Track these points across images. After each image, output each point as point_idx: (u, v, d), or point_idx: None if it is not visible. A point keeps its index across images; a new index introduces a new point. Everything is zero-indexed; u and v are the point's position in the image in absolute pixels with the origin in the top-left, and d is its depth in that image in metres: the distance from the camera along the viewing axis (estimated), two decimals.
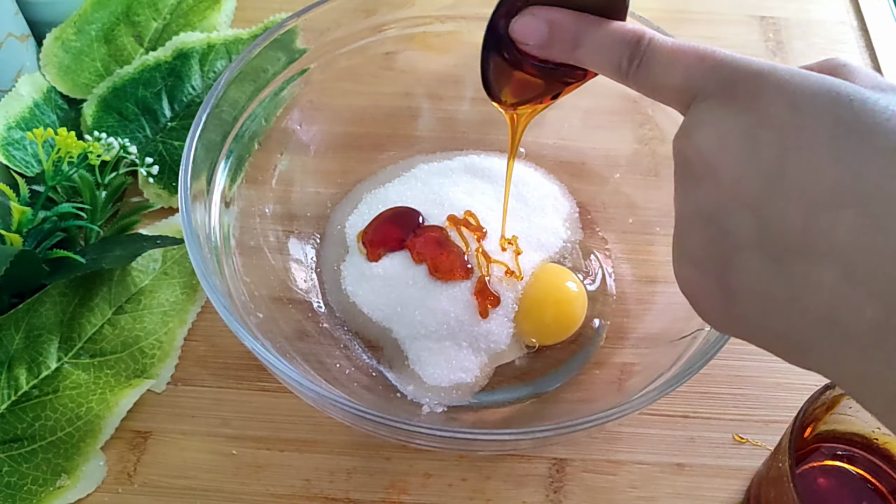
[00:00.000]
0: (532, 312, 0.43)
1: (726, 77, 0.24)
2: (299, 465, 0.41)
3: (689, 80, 0.25)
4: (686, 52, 0.26)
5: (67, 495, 0.39)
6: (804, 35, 0.63)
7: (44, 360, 0.43)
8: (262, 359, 0.33)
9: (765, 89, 0.23)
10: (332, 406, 0.33)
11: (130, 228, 0.49)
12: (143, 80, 0.55)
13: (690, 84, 0.25)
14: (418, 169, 0.49)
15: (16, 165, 0.49)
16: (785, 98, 0.23)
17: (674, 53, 0.26)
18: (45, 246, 0.45)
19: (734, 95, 0.24)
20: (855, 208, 0.21)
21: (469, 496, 0.40)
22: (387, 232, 0.45)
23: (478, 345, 0.42)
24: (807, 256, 0.22)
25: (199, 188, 0.39)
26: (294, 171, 0.48)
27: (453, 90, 0.52)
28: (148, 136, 0.53)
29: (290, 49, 0.45)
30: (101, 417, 0.41)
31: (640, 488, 0.41)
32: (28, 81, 0.54)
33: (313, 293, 0.45)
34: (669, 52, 0.26)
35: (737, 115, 0.24)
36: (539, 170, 0.50)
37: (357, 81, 0.50)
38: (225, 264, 0.40)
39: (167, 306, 0.46)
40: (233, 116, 0.43)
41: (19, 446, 0.40)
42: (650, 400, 0.33)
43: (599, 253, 0.47)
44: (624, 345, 0.43)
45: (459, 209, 0.46)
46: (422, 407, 0.41)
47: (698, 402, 0.43)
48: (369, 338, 0.44)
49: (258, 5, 0.62)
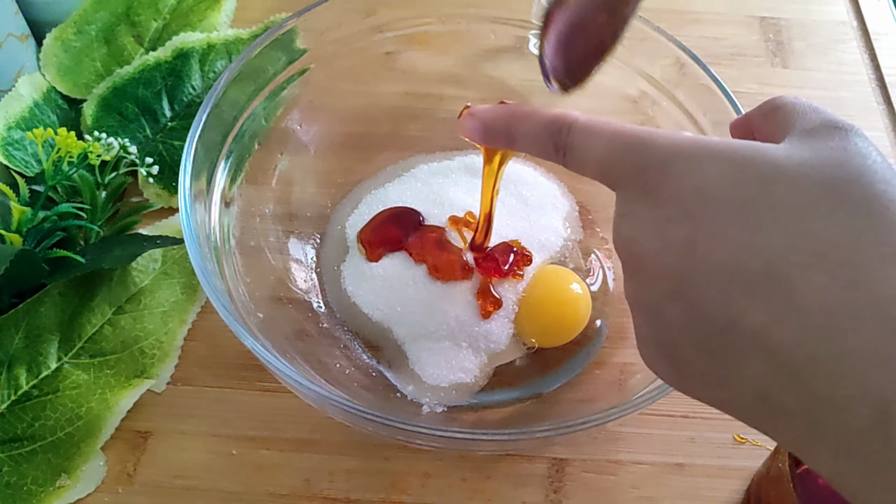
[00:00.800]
0: (536, 315, 0.43)
1: (637, 163, 0.25)
2: (299, 465, 0.41)
3: (606, 165, 0.26)
4: (602, 133, 0.26)
5: (67, 495, 0.39)
6: (804, 35, 0.63)
7: (44, 360, 0.43)
8: (262, 359, 0.33)
9: (670, 178, 0.24)
10: (332, 406, 0.33)
11: (130, 228, 0.49)
12: (143, 80, 0.55)
13: (608, 169, 0.26)
14: (418, 169, 0.49)
15: (16, 165, 0.49)
16: (691, 185, 0.23)
17: (591, 135, 0.27)
18: (45, 246, 0.45)
19: (645, 185, 0.25)
20: (763, 289, 0.21)
21: (469, 496, 0.40)
22: (386, 232, 0.45)
23: (478, 345, 0.42)
24: (732, 344, 0.22)
25: (199, 188, 0.39)
26: (294, 171, 0.48)
27: (453, 90, 0.52)
28: (148, 136, 0.53)
29: (290, 49, 0.45)
30: (101, 417, 0.41)
31: (640, 488, 0.41)
32: (28, 81, 0.54)
33: (313, 293, 0.45)
34: (587, 134, 0.27)
35: (649, 209, 0.24)
36: (538, 168, 0.50)
37: (357, 81, 0.50)
38: (225, 264, 0.40)
39: (167, 306, 0.46)
40: (233, 116, 0.43)
41: (19, 446, 0.40)
42: (650, 400, 0.33)
43: (600, 252, 0.47)
44: (624, 345, 0.43)
45: (459, 209, 0.46)
46: (422, 407, 0.41)
47: (698, 402, 0.43)
48: (369, 338, 0.44)
49: (258, 5, 0.62)
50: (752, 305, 0.21)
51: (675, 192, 0.23)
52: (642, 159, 0.25)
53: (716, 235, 0.22)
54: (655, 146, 0.25)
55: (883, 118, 0.58)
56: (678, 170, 0.24)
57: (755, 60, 0.61)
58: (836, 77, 0.60)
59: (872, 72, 0.61)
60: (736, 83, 0.56)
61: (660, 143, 0.25)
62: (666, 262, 0.24)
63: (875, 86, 0.60)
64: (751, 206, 0.22)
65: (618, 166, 0.26)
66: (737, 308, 0.22)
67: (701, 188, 0.23)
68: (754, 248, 0.22)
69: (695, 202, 0.23)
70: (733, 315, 0.22)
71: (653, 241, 0.24)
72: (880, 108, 0.59)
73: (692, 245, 0.23)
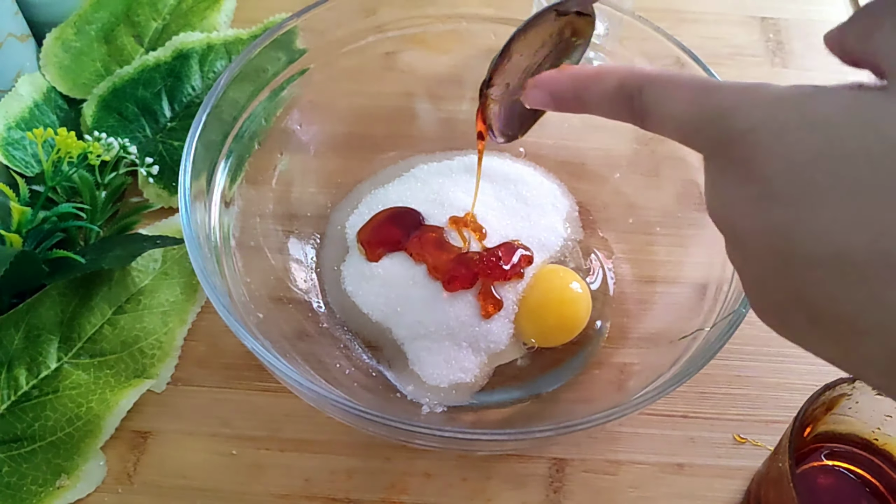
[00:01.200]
0: (536, 315, 0.43)
1: (719, 135, 0.23)
2: (299, 465, 0.41)
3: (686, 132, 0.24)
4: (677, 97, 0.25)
5: (67, 495, 0.39)
6: (804, 35, 0.63)
7: (44, 360, 0.43)
8: (262, 359, 0.33)
9: (759, 152, 0.21)
10: (332, 406, 0.33)
11: (130, 228, 0.49)
12: (143, 80, 0.55)
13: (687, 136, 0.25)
14: (418, 169, 0.49)
15: (16, 165, 0.49)
16: (783, 161, 0.21)
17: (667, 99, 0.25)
18: (45, 246, 0.45)
19: (731, 158, 0.23)
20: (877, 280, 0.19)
21: (469, 496, 0.40)
22: (386, 232, 0.45)
23: (477, 345, 0.42)
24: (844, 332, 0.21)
25: (199, 188, 0.39)
26: (294, 171, 0.48)
27: (453, 90, 0.52)
28: (148, 136, 0.53)
29: (290, 49, 0.45)
30: (101, 417, 0.41)
31: (640, 488, 0.41)
32: (28, 81, 0.54)
33: (313, 293, 0.45)
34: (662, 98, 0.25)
35: (739, 185, 0.22)
36: (538, 168, 0.50)
37: (357, 81, 0.50)
38: (225, 264, 0.40)
39: (167, 306, 0.46)
40: (233, 116, 0.43)
41: (19, 446, 0.40)
42: (650, 400, 0.33)
43: (600, 252, 0.47)
44: (624, 345, 0.43)
45: (459, 209, 0.46)
46: (422, 407, 0.41)
47: (698, 402, 0.43)
48: (369, 338, 0.44)
49: (258, 5, 0.62)
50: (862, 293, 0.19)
51: (766, 169, 0.21)
52: (724, 131, 0.23)
53: (818, 217, 0.20)
54: (738, 115, 0.22)
55: None
56: (766, 143, 0.21)
57: (755, 60, 0.61)
58: (836, 77, 0.59)
59: None
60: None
61: (742, 108, 0.22)
62: (765, 242, 0.22)
63: None
64: (856, 183, 0.19)
65: (699, 135, 0.24)
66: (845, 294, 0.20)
67: (794, 162, 0.21)
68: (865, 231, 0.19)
69: (791, 182, 0.21)
70: (838, 302, 0.20)
71: (746, 220, 0.22)
72: None
73: (793, 227, 0.21)
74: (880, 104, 0.20)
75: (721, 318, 0.37)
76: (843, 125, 0.20)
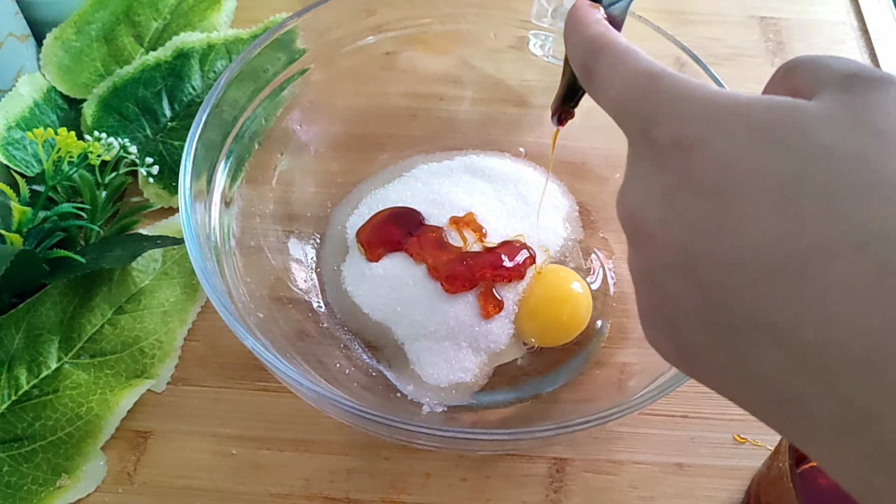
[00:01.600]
0: (536, 314, 0.43)
1: (649, 116, 0.22)
2: (299, 465, 0.41)
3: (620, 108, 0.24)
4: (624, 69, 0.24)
5: (67, 495, 0.39)
6: (804, 35, 0.63)
7: (44, 360, 0.43)
8: (262, 359, 0.33)
9: (686, 142, 0.21)
10: (332, 406, 0.33)
11: (130, 228, 0.49)
12: (143, 80, 0.55)
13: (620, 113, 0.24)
14: (418, 169, 0.49)
15: (16, 165, 0.49)
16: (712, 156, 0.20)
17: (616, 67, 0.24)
18: (45, 246, 0.45)
19: (655, 143, 0.22)
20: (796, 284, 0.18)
21: (469, 496, 0.40)
22: (386, 232, 0.45)
23: (477, 344, 0.42)
24: (753, 339, 0.19)
25: (199, 188, 0.39)
26: (294, 171, 0.48)
27: (453, 90, 0.52)
28: (148, 136, 0.53)
29: (290, 49, 0.45)
30: (101, 417, 0.41)
31: (640, 488, 0.41)
32: (28, 81, 0.54)
33: (313, 293, 0.45)
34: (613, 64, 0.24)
35: (659, 173, 0.21)
36: (538, 169, 0.50)
37: (357, 81, 0.50)
38: (225, 264, 0.40)
39: (167, 306, 0.46)
40: (233, 116, 0.43)
41: (19, 446, 0.40)
42: (650, 400, 0.33)
43: (600, 252, 0.47)
44: (624, 345, 0.43)
45: (459, 209, 0.46)
46: (422, 407, 0.41)
47: (698, 402, 0.43)
48: (369, 338, 0.44)
49: (258, 5, 0.62)
50: (780, 301, 0.19)
51: (691, 161, 0.21)
52: (655, 112, 0.22)
53: (745, 222, 0.19)
54: (673, 102, 0.21)
55: None
56: (697, 134, 0.21)
57: (755, 60, 0.61)
58: None
59: None
60: (736, 83, 0.56)
61: (679, 96, 0.21)
62: (674, 236, 0.21)
63: None
64: (783, 185, 0.19)
65: (630, 114, 0.23)
66: (762, 302, 0.19)
67: (726, 163, 0.20)
68: (785, 232, 0.19)
69: (717, 178, 0.20)
70: (757, 309, 0.19)
71: (659, 210, 0.21)
72: None
73: (710, 225, 0.20)
74: (807, 111, 0.20)
75: None
76: (771, 126, 0.20)
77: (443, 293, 0.42)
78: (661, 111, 0.22)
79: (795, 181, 0.19)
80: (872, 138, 0.19)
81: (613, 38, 0.25)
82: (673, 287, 0.21)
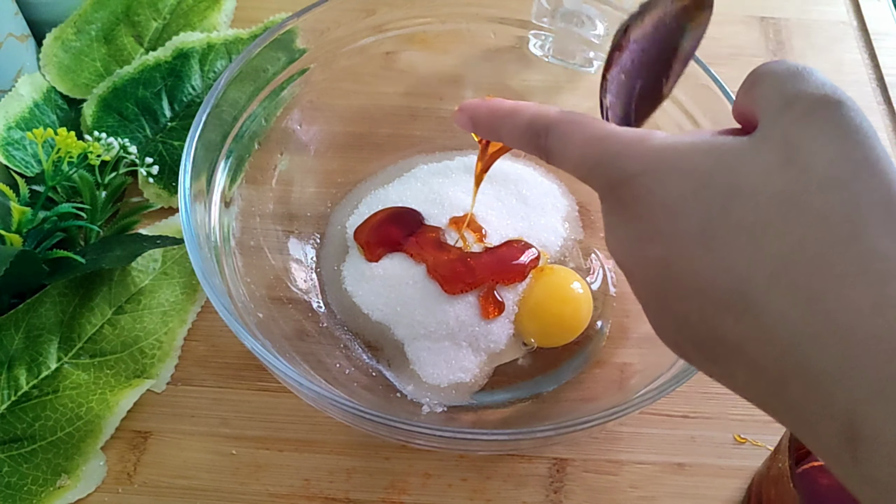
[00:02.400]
0: (537, 315, 0.43)
1: (608, 179, 0.25)
2: (299, 465, 0.41)
3: (582, 174, 0.26)
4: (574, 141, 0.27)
5: (67, 495, 0.39)
6: (804, 35, 0.63)
7: (44, 361, 0.43)
8: (262, 359, 0.33)
9: (640, 195, 0.24)
10: (332, 406, 0.33)
11: (130, 228, 0.49)
12: (143, 80, 0.55)
13: (584, 177, 0.27)
14: (418, 169, 0.49)
15: (16, 165, 0.49)
16: (658, 202, 0.23)
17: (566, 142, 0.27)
18: (45, 246, 0.45)
19: (619, 200, 0.25)
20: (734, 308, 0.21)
21: (469, 496, 0.40)
22: (385, 232, 0.45)
23: (477, 344, 0.42)
24: (720, 355, 0.23)
25: (199, 188, 0.39)
26: (294, 171, 0.48)
27: (453, 90, 0.52)
28: (148, 136, 0.53)
29: (290, 49, 0.45)
30: (101, 417, 0.41)
31: (640, 488, 0.41)
32: (28, 81, 0.54)
33: (313, 293, 0.45)
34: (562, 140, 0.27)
35: (626, 224, 0.25)
36: (538, 168, 0.50)
37: (357, 81, 0.50)
38: (225, 264, 0.40)
39: (167, 306, 0.46)
40: (233, 116, 0.43)
41: (19, 446, 0.40)
42: (651, 399, 0.33)
43: (600, 252, 0.47)
44: (624, 344, 0.43)
45: (459, 209, 0.46)
46: (421, 407, 0.41)
47: (699, 401, 0.43)
48: (369, 338, 0.44)
49: (258, 5, 0.62)
50: (727, 323, 0.22)
51: (645, 209, 0.24)
52: (611, 175, 0.25)
53: (684, 256, 0.23)
54: (622, 161, 0.24)
55: (883, 118, 0.58)
56: (645, 187, 0.24)
57: (755, 60, 0.61)
58: (835, 77, 0.60)
59: (872, 71, 0.61)
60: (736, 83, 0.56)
61: (626, 156, 0.24)
62: (646, 278, 0.24)
63: (875, 86, 0.60)
64: (712, 226, 0.22)
65: (592, 177, 0.26)
66: (715, 324, 0.22)
67: (667, 206, 0.23)
68: (720, 269, 0.22)
69: (663, 221, 0.23)
70: (714, 330, 0.22)
71: (631, 257, 0.25)
72: (880, 108, 0.59)
73: (666, 264, 0.23)
74: (740, 153, 0.22)
75: None
76: (710, 172, 0.22)
77: (442, 293, 0.42)
78: (614, 170, 0.25)
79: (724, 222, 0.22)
80: (797, 176, 0.21)
81: (548, 114, 0.28)
82: (658, 317, 0.25)
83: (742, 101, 0.25)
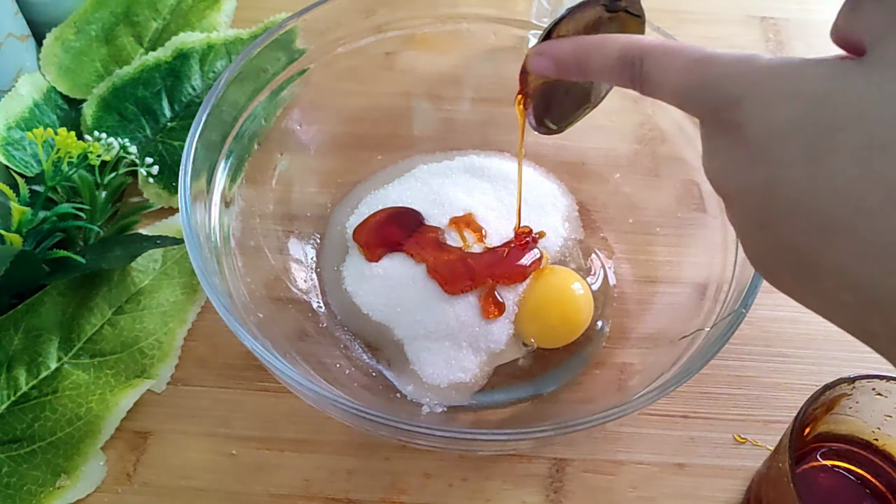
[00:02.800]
0: (538, 316, 0.43)
1: (711, 102, 0.25)
2: (299, 465, 0.41)
3: (682, 99, 0.26)
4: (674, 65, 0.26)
5: (67, 495, 0.39)
6: (804, 35, 0.63)
7: (43, 361, 0.43)
8: (262, 359, 0.33)
9: (746, 118, 0.24)
10: (332, 406, 0.33)
11: (130, 228, 0.49)
12: (143, 80, 0.55)
13: (683, 102, 0.26)
14: (418, 169, 0.49)
15: (16, 165, 0.49)
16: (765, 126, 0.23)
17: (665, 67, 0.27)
18: (44, 246, 0.45)
19: (722, 123, 0.25)
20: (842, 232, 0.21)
21: (469, 496, 0.40)
22: (385, 232, 0.45)
23: (477, 344, 0.42)
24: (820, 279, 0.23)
25: (199, 188, 0.39)
26: (294, 171, 0.48)
27: (453, 90, 0.52)
28: (148, 136, 0.53)
29: (290, 49, 0.45)
30: (100, 417, 0.41)
31: (640, 488, 0.41)
32: (28, 81, 0.54)
33: (313, 293, 0.45)
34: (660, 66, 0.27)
35: (729, 148, 0.25)
36: (538, 168, 0.50)
37: (357, 81, 0.50)
38: (225, 264, 0.40)
39: (167, 306, 0.46)
40: (233, 116, 0.43)
41: (19, 447, 0.40)
42: (650, 400, 0.33)
43: (600, 252, 0.47)
44: (624, 345, 0.43)
45: (459, 209, 0.46)
46: (422, 407, 0.41)
47: (698, 402, 0.43)
48: (369, 338, 0.44)
49: (258, 5, 0.62)
50: (833, 246, 0.22)
51: (752, 133, 0.23)
52: (714, 99, 0.25)
53: (790, 179, 0.22)
54: (726, 84, 0.24)
55: None
56: (751, 109, 0.23)
57: None
58: None
59: None
60: None
61: (730, 78, 0.24)
62: (747, 203, 0.24)
63: None
64: (821, 149, 0.22)
65: (693, 102, 0.26)
66: (820, 248, 0.22)
67: (774, 129, 0.23)
68: (828, 190, 0.22)
69: (770, 144, 0.23)
70: (817, 254, 0.22)
71: (735, 181, 0.24)
72: None
73: (771, 187, 0.23)
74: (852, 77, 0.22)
75: (721, 318, 0.37)
76: (820, 96, 0.22)
77: (443, 293, 0.42)
78: (717, 93, 0.25)
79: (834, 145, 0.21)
80: None
81: (641, 42, 0.28)
82: (757, 239, 0.25)
83: (844, 24, 0.25)
